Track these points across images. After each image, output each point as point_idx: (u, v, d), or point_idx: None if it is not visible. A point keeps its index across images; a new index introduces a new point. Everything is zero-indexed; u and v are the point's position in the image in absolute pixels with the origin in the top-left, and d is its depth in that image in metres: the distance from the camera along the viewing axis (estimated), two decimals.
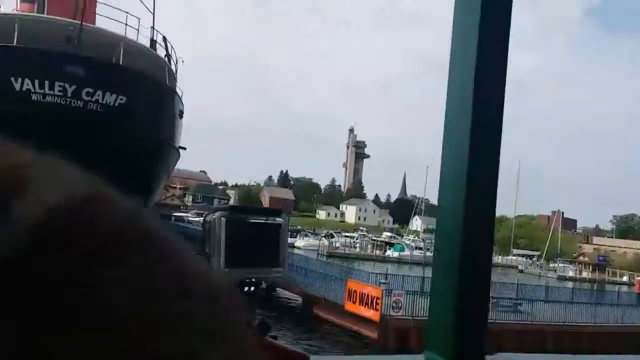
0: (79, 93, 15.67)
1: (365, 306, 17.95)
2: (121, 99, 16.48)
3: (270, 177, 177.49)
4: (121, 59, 17.78)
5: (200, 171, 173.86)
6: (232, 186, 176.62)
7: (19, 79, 15.03)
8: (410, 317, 17.33)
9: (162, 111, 18.54)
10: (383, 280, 20.19)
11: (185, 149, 23.86)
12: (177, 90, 23.75)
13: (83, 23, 17.62)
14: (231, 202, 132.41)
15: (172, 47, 21.38)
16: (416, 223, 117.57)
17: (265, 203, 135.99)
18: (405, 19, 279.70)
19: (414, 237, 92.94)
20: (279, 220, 1.29)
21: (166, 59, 21.74)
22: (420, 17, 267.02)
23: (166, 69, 20.38)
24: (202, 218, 1.29)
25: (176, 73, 22.51)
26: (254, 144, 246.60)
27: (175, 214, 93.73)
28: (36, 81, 15.15)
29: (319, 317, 19.82)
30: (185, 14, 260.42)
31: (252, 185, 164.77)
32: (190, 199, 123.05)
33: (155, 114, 18.06)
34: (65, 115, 15.59)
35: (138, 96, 17.00)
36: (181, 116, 20.66)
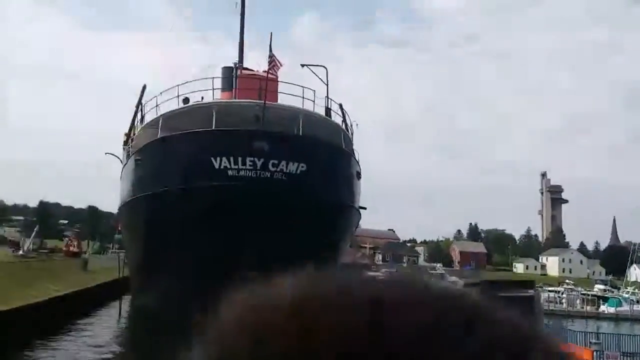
0: (266, 165, 17.12)
1: None
2: (302, 167, 17.58)
3: (459, 231, 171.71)
4: (300, 130, 19.24)
5: (389, 229, 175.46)
6: (421, 242, 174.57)
7: (217, 158, 17.01)
8: None
9: (340, 174, 19.35)
10: (594, 340, 17.74)
11: (365, 208, 24.48)
12: (355, 152, 24.81)
13: (266, 102, 19.69)
14: (420, 259, 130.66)
15: (346, 113, 22.51)
16: (635, 273, 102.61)
17: (456, 257, 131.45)
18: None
19: (634, 289, 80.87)
20: (530, 292, 1.15)
21: (342, 125, 22.98)
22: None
23: (342, 134, 21.43)
24: None
25: (352, 136, 23.56)
26: (439, 199, 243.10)
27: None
28: (231, 158, 16.98)
29: None
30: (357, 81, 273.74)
31: (441, 241, 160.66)
32: (380, 258, 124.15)
33: (334, 177, 18.92)
34: (256, 186, 17.10)
35: (316, 162, 17.98)
36: (359, 177, 21.29)
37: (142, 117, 23.24)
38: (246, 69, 22.14)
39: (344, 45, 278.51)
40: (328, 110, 21.45)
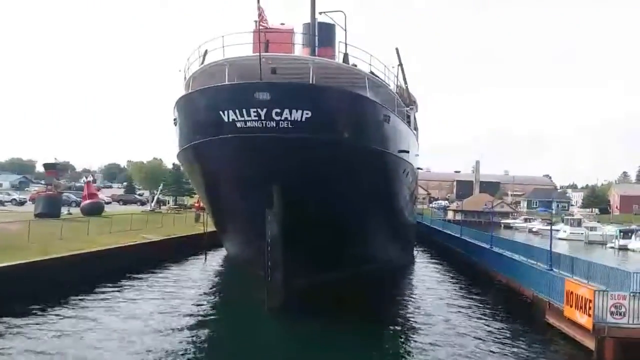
0: (269, 114, 17.84)
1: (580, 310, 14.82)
2: (307, 114, 18.01)
3: (624, 174, 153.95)
4: (312, 78, 19.65)
5: (544, 175, 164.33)
6: (582, 188, 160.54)
7: (225, 112, 18.24)
8: None
9: (353, 118, 19.37)
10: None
11: (407, 151, 24.05)
12: (393, 94, 24.40)
13: (281, 54, 20.37)
14: (572, 206, 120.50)
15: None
16: None
17: (614, 202, 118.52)
18: None
19: None
20: None
21: (398, 68, 22.59)
22: None
23: (365, 79, 21.28)
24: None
25: (396, 78, 23.06)
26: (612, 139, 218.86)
27: (502, 221, 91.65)
28: (236, 111, 18.09)
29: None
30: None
31: (601, 186, 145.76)
32: (525, 205, 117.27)
33: (344, 122, 19.07)
34: (262, 133, 18.03)
35: (321, 108, 18.26)
36: (386, 121, 20.99)
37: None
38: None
39: None
40: (346, 57, 21.37)
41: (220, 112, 18.21)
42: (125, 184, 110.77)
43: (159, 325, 16.32)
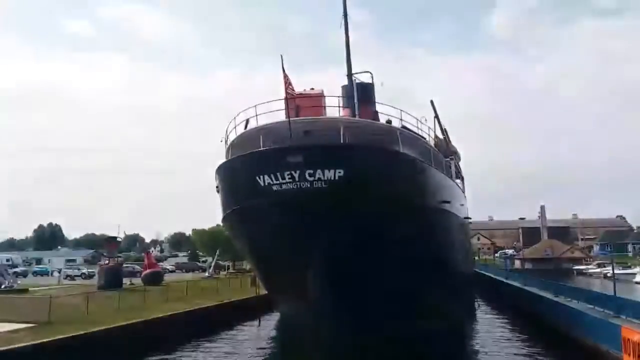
0: (303, 175, 18.40)
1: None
2: (339, 172, 18.40)
3: None
4: (342, 138, 20.18)
5: (617, 217, 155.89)
6: None
7: (261, 177, 18.94)
8: None
9: (387, 173, 19.56)
10: None
11: (448, 202, 23.83)
12: (428, 147, 24.52)
13: (310, 117, 21.13)
14: None
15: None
16: None
17: None
18: None
19: None
20: None
21: (435, 121, 22.94)
22: None
23: (397, 134, 21.58)
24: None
25: (435, 130, 23.25)
26: None
27: (575, 267, 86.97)
28: (272, 175, 18.76)
29: None
30: None
31: None
32: (597, 249, 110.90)
33: (379, 177, 19.31)
34: (297, 195, 18.53)
35: (353, 165, 18.63)
36: (419, 172, 21.06)
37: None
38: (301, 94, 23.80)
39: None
40: (376, 114, 21.86)
41: (257, 177, 18.94)
42: (189, 252, 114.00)
43: None
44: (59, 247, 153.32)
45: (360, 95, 24.92)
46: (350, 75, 25.87)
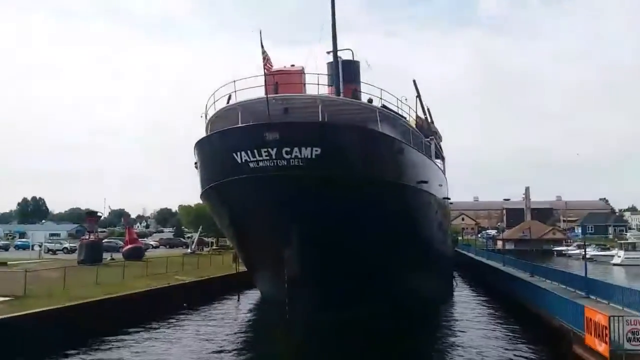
0: (280, 153, 18.36)
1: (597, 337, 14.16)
2: (316, 150, 18.40)
3: None
4: (321, 116, 20.10)
5: (600, 199, 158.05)
6: None
7: (238, 153, 18.86)
8: None
9: (365, 152, 19.56)
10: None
11: (426, 181, 23.90)
12: (408, 124, 24.50)
13: (289, 94, 21.00)
14: (630, 230, 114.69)
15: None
16: None
17: None
18: None
19: None
20: None
21: (417, 100, 22.85)
22: None
23: (376, 113, 21.54)
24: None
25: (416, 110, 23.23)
26: None
27: (555, 248, 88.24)
28: (249, 152, 18.67)
29: None
30: None
31: None
32: (580, 231, 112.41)
33: (356, 156, 19.32)
34: (276, 172, 18.48)
35: (331, 144, 18.60)
36: (400, 152, 21.10)
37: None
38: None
39: None
40: (357, 93, 21.80)
41: (234, 154, 18.85)
42: (174, 228, 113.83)
43: None
44: (44, 220, 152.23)
45: (344, 73, 24.78)
46: (335, 52, 25.65)
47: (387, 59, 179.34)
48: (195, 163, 22.51)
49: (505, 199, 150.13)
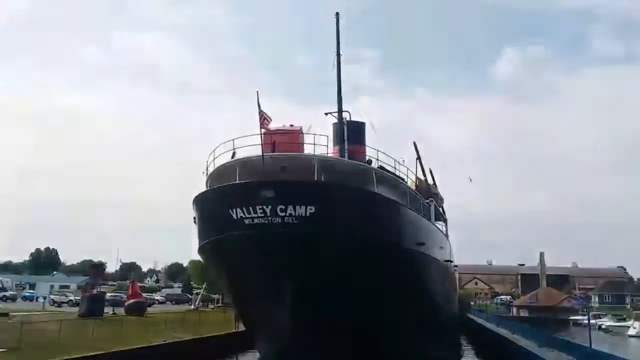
0: (274, 211, 18.58)
1: None
2: (310, 209, 18.56)
3: None
4: (317, 175, 20.42)
5: (618, 267, 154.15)
6: None
7: (234, 210, 19.12)
8: None
9: (359, 212, 19.64)
10: None
11: (423, 243, 23.78)
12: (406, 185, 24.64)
13: (291, 153, 21.45)
14: None
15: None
16: None
17: None
18: None
19: None
20: None
21: (417, 162, 23.18)
22: None
23: (372, 174, 21.80)
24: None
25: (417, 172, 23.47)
26: None
27: (571, 317, 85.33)
28: (244, 209, 18.93)
29: None
30: None
31: None
32: (597, 299, 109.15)
33: (350, 216, 19.41)
34: (269, 230, 18.63)
35: (326, 203, 18.78)
36: (396, 213, 21.18)
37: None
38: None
39: None
40: (351, 154, 22.23)
41: (230, 210, 19.12)
42: (183, 283, 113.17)
43: None
44: (54, 272, 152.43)
45: (349, 134, 25.30)
46: (340, 113, 26.29)
47: (400, 120, 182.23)
48: (194, 218, 22.79)
49: (520, 264, 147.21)
